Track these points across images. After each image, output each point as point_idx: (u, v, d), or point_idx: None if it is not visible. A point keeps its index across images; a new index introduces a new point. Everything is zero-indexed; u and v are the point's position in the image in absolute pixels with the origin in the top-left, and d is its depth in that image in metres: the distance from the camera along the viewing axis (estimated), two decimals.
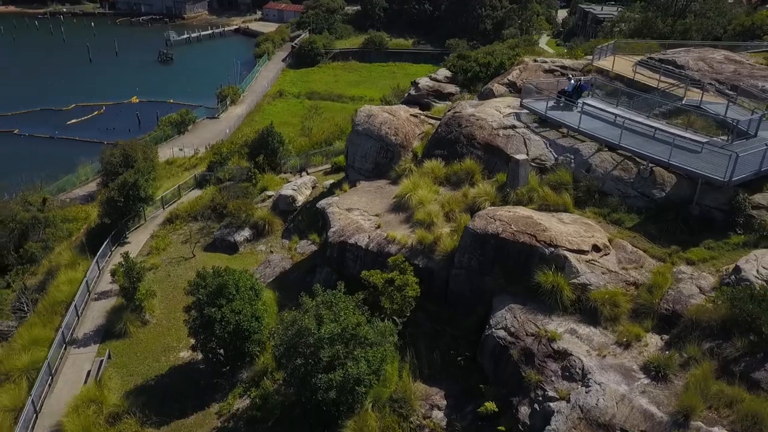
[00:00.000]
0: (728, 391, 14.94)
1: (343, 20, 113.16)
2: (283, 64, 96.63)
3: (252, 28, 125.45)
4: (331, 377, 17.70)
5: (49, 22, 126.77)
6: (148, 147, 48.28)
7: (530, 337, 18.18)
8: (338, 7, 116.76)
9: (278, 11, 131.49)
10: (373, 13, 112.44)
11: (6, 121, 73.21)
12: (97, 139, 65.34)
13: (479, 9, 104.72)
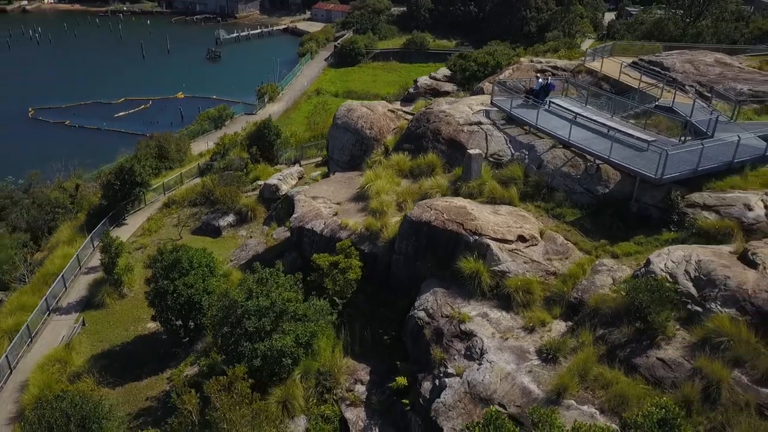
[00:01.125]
0: (607, 374, 15.56)
1: (388, 21, 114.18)
2: (325, 63, 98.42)
3: (300, 27, 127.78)
4: (256, 347, 19.08)
5: (109, 20, 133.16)
6: (181, 140, 51.13)
7: (444, 319, 19.11)
8: (384, 8, 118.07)
9: (326, 11, 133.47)
10: (418, 14, 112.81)
11: (60, 113, 77.86)
12: (140, 131, 68.34)
13: (524, 11, 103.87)
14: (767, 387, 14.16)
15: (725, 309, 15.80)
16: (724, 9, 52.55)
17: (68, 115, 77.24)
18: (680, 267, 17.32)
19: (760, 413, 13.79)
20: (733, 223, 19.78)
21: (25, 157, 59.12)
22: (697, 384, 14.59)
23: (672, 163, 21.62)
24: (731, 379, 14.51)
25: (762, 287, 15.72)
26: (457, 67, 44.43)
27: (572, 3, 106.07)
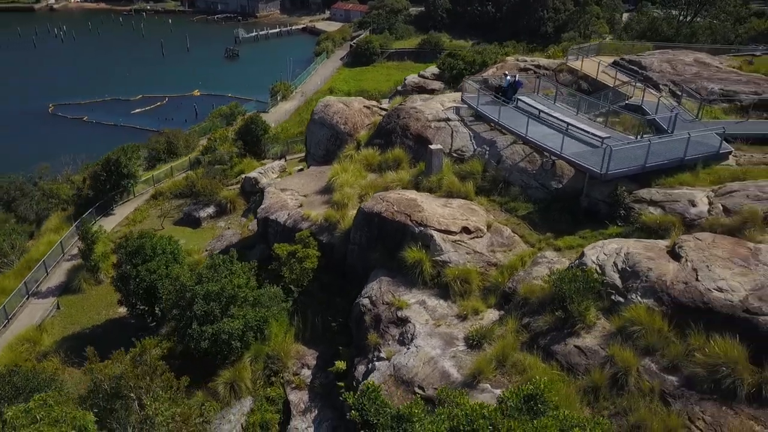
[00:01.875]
0: (525, 360, 16.01)
1: (405, 21, 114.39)
2: (340, 62, 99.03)
3: (318, 27, 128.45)
4: (204, 329, 19.85)
5: (132, 19, 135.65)
6: (191, 136, 52.36)
7: (384, 306, 19.70)
8: (402, 8, 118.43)
9: (345, 11, 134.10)
10: (436, 14, 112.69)
11: (79, 109, 79.55)
12: (154, 127, 69.01)
13: (541, 11, 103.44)
14: (673, 375, 14.52)
15: (644, 299, 16.15)
16: (722, 9, 52.23)
17: (87, 111, 78.86)
18: (610, 259, 17.68)
19: (662, 399, 14.16)
20: (676, 219, 20.06)
21: (40, 151, 60.58)
22: (607, 371, 15.00)
23: (620, 159, 21.98)
24: (641, 367, 14.89)
25: (680, 279, 16.03)
26: (445, 65, 44.86)
27: (588, 4, 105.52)
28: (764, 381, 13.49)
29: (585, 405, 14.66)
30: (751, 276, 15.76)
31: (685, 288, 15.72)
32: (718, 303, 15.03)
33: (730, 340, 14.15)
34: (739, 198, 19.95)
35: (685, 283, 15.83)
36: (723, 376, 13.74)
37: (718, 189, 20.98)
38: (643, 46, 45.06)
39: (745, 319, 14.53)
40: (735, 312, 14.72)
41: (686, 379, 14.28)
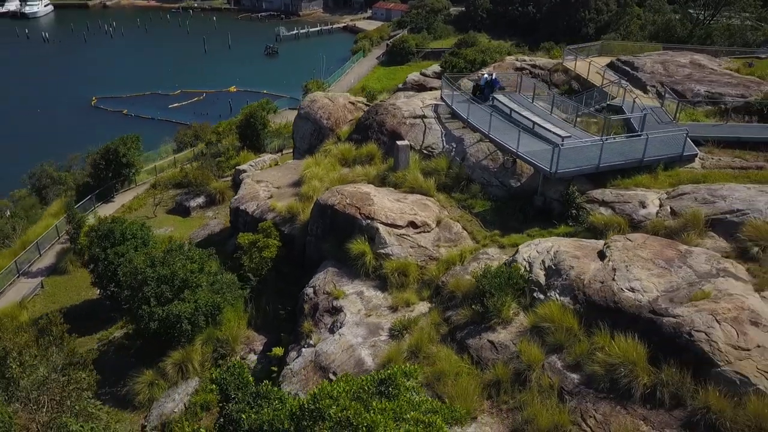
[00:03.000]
0: (440, 352, 16.19)
1: (445, 21, 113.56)
2: (376, 61, 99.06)
3: (358, 26, 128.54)
4: (153, 311, 20.68)
5: (179, 16, 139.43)
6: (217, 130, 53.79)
7: (324, 295, 20.14)
8: (442, 8, 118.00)
9: (386, 10, 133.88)
10: (475, 15, 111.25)
11: (120, 102, 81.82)
12: (189, 122, 68.87)
13: (582, 12, 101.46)
14: (576, 372, 14.51)
15: (562, 297, 16.15)
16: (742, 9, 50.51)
17: (127, 104, 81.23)
18: (540, 257, 17.69)
19: (560, 396, 14.18)
20: (623, 220, 19.88)
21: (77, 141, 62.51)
22: (512, 366, 15.08)
23: (572, 158, 21.87)
24: (546, 363, 14.92)
25: (597, 278, 15.96)
26: (447, 63, 44.91)
27: (629, 5, 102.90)
28: (659, 382, 13.36)
29: (485, 398, 14.78)
30: (669, 278, 15.59)
31: (600, 287, 15.66)
32: (627, 303, 14.93)
33: (633, 340, 14.05)
34: (688, 201, 19.62)
35: (602, 283, 15.76)
36: (619, 376, 13.67)
37: (671, 191, 20.67)
38: (646, 46, 44.11)
39: (649, 319, 14.40)
40: (641, 312, 14.60)
41: (587, 377, 14.24)
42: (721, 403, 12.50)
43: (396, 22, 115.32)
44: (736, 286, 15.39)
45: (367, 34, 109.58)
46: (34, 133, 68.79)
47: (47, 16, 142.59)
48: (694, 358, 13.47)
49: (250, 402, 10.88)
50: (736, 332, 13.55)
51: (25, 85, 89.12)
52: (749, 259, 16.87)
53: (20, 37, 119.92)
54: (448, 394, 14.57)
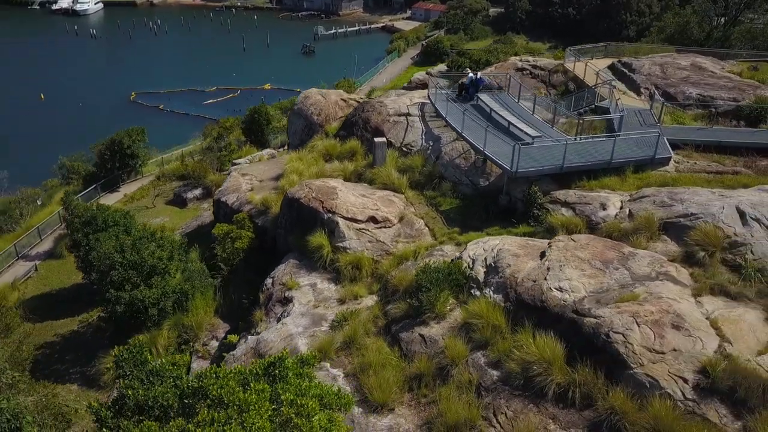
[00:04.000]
0: (373, 344, 16.40)
1: (483, 22, 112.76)
2: (410, 61, 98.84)
3: (397, 26, 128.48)
4: (119, 295, 21.47)
5: (222, 15, 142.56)
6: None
7: (279, 286, 20.57)
8: (481, 9, 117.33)
9: (425, 11, 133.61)
10: (514, 16, 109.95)
11: (158, 98, 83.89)
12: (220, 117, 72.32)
13: (624, 14, 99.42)
14: (496, 369, 14.52)
15: (495, 295, 16.16)
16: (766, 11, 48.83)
17: (164, 100, 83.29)
18: (484, 255, 17.71)
19: (477, 392, 14.23)
20: (581, 221, 19.69)
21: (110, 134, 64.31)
22: (437, 361, 15.19)
23: (535, 158, 21.75)
24: (470, 359, 14.97)
25: (530, 277, 15.91)
26: (453, 63, 44.87)
27: (670, 8, 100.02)
28: (573, 383, 13.29)
29: (407, 391, 14.93)
30: (601, 279, 15.46)
31: (531, 286, 15.61)
32: (552, 302, 14.87)
33: (553, 339, 13.99)
34: (647, 204, 19.31)
35: (533, 281, 15.71)
36: (534, 375, 13.64)
37: (633, 194, 20.36)
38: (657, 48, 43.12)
39: (571, 319, 14.32)
40: (565, 312, 14.53)
41: (506, 374, 14.24)
42: (626, 405, 12.38)
43: (433, 22, 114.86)
44: (672, 290, 15.16)
45: (403, 35, 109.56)
46: (74, 126, 70.84)
47: (97, 13, 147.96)
48: (609, 359, 13.37)
49: (143, 379, 11.33)
50: (654, 335, 13.38)
51: (70, 79, 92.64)
52: (695, 263, 16.54)
53: (69, 33, 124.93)
54: (369, 385, 14.77)
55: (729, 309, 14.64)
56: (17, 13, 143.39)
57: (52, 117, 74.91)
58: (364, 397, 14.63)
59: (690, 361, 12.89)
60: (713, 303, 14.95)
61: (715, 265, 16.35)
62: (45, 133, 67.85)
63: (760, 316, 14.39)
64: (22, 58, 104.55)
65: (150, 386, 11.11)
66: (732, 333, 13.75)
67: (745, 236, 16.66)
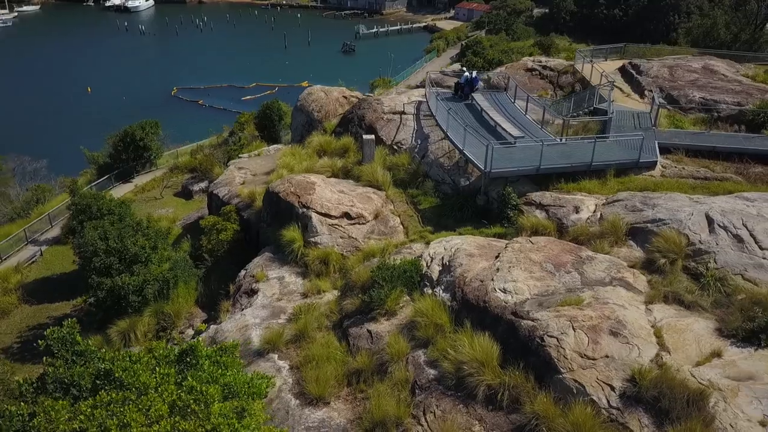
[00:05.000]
0: (323, 338, 16.52)
1: (526, 22, 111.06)
2: (449, 60, 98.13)
3: (439, 25, 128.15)
4: (102, 281, 22.19)
5: (267, 12, 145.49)
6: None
7: (249, 278, 20.90)
8: (525, 9, 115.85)
9: (468, 11, 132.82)
10: (559, 16, 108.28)
11: (198, 93, 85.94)
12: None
13: (672, 16, 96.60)
14: (433, 368, 14.42)
15: (444, 293, 16.07)
16: None
17: (204, 95, 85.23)
18: (442, 254, 17.61)
19: (412, 390, 14.19)
20: (552, 224, 19.38)
21: None
22: (377, 357, 15.20)
23: (511, 158, 21.50)
24: (411, 357, 14.93)
25: (479, 277, 15.73)
26: (467, 62, 44.55)
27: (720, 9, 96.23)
28: (503, 385, 13.12)
29: (346, 385, 14.99)
30: (549, 282, 15.19)
31: (478, 286, 15.45)
32: (494, 303, 14.69)
33: (489, 340, 13.84)
34: (618, 208, 18.86)
35: (481, 282, 15.55)
36: (465, 375, 13.51)
37: (609, 198, 19.90)
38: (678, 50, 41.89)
39: (510, 321, 14.13)
40: (504, 313, 14.34)
41: (441, 373, 14.15)
42: (550, 410, 12.16)
43: (474, 22, 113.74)
44: (623, 296, 14.79)
45: (443, 34, 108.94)
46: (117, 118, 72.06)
47: (148, 10, 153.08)
48: (541, 363, 13.15)
49: (68, 359, 11.73)
50: (588, 340, 13.08)
51: (117, 73, 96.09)
52: (654, 270, 16.07)
53: (120, 29, 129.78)
54: (308, 378, 14.90)
55: (679, 318, 14.20)
56: (73, 10, 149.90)
57: (96, 109, 77.47)
58: (303, 390, 14.76)
59: (621, 369, 12.55)
60: (664, 311, 14.52)
61: (675, 272, 15.85)
62: (88, 124, 70.11)
63: (710, 326, 13.90)
64: (74, 52, 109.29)
65: (72, 366, 11.48)
66: (674, 342, 13.35)
67: (709, 244, 16.08)
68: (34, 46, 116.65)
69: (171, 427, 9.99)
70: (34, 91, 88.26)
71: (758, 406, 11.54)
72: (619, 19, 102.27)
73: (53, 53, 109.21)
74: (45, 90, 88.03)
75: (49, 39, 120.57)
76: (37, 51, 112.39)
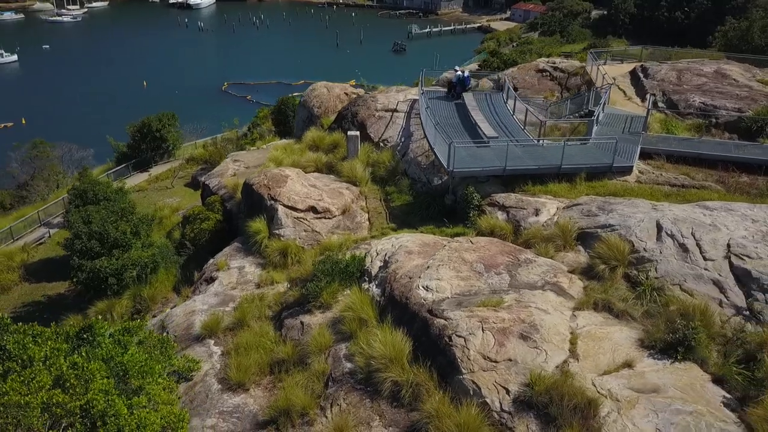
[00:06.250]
0: (259, 326, 16.82)
1: (582, 24, 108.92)
2: None
3: (493, 26, 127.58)
4: (82, 263, 23.24)
5: (322, 11, 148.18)
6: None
7: (212, 266, 21.43)
8: (582, 11, 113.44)
9: (524, 11, 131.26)
10: (617, 18, 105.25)
11: (247, 89, 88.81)
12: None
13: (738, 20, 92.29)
14: (350, 362, 14.48)
15: (376, 289, 16.12)
16: None
17: (252, 91, 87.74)
18: (387, 250, 17.62)
19: (326, 383, 14.30)
20: (509, 226, 19.09)
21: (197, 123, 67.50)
22: (301, 348, 15.38)
23: (488, 158, 21.34)
24: (333, 350, 15.05)
25: (408, 274, 15.67)
26: (485, 63, 44.15)
27: None
28: (406, 382, 13.08)
29: (268, 374, 15.25)
30: (474, 282, 15.02)
31: (405, 283, 15.41)
32: (414, 300, 14.64)
33: (403, 337, 13.80)
34: (575, 212, 18.41)
35: (409, 278, 15.50)
36: (374, 370, 13.53)
37: (570, 202, 19.43)
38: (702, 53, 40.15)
39: (424, 318, 14.04)
40: (420, 311, 14.27)
41: (355, 367, 14.21)
42: (442, 409, 12.06)
43: (528, 24, 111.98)
44: (550, 300, 14.48)
45: (495, 35, 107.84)
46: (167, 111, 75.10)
47: (209, 7, 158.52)
48: (447, 362, 13.03)
49: None
50: (494, 342, 12.89)
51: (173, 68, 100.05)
52: (593, 276, 15.62)
53: (180, 26, 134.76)
54: (231, 364, 15.24)
55: (603, 326, 13.79)
56: (139, 7, 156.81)
57: (149, 102, 79.52)
58: (226, 375, 15.11)
59: (522, 373, 12.30)
60: (590, 318, 14.12)
61: (615, 279, 15.37)
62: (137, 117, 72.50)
63: (633, 336, 13.44)
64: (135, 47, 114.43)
65: None
66: (587, 350, 12.98)
67: (653, 252, 15.50)
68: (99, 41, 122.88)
69: (48, 398, 10.47)
70: (94, 83, 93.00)
71: (653, 419, 11.12)
72: (680, 22, 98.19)
73: (116, 47, 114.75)
74: (104, 82, 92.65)
75: (113, 34, 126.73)
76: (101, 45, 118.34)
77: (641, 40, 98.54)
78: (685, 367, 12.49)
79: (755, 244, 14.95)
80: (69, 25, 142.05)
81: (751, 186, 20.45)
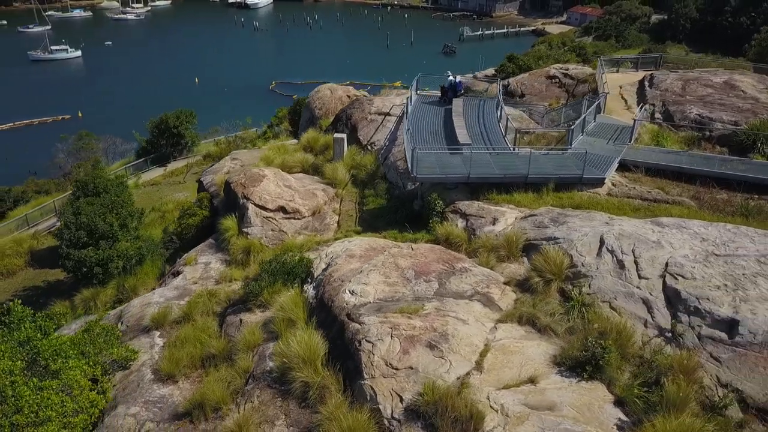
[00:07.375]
0: (203, 322, 17.29)
1: (641, 29, 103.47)
2: None
3: (547, 30, 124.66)
4: (70, 252, 24.39)
5: (376, 12, 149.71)
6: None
7: (182, 261, 22.12)
8: (641, 15, 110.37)
9: (581, 15, 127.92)
10: (677, 24, 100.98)
11: (294, 88, 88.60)
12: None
13: None
14: (272, 361, 14.74)
15: (312, 290, 16.34)
16: None
17: (299, 90, 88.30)
18: (333, 253, 17.82)
19: (247, 380, 14.62)
20: (463, 233, 18.99)
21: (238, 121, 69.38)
22: (231, 345, 15.77)
23: (455, 165, 21.29)
24: (261, 349, 15.33)
25: (342, 277, 15.77)
26: (501, 67, 43.64)
27: None
28: (316, 384, 13.26)
29: (200, 367, 15.69)
30: (399, 288, 15.05)
31: (336, 286, 15.56)
32: (338, 303, 14.78)
33: (320, 339, 13.99)
34: (528, 223, 18.16)
35: (341, 281, 15.65)
36: (287, 370, 13.77)
37: (527, 212, 19.14)
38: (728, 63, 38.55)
39: (342, 322, 14.18)
40: (340, 314, 14.41)
41: (273, 366, 14.48)
42: (336, 413, 12.17)
43: (583, 28, 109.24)
44: (474, 311, 14.38)
45: (547, 39, 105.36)
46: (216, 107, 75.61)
47: (266, 7, 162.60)
48: (354, 367, 13.14)
49: None
50: (400, 349, 12.90)
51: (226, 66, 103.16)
52: (527, 289, 15.38)
53: (237, 25, 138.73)
54: (165, 356, 15.76)
55: (520, 340, 13.59)
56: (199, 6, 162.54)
57: (199, 99, 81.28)
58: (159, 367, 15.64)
59: (420, 382, 12.26)
60: (511, 331, 13.94)
61: (549, 293, 15.10)
62: None
63: (549, 352, 13.19)
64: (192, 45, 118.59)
65: None
66: (494, 363, 12.82)
67: (590, 267, 15.14)
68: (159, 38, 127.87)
69: None
70: (150, 79, 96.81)
71: None
72: (745, 28, 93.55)
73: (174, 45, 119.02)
74: (159, 78, 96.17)
75: (173, 32, 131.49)
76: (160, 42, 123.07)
77: (702, 47, 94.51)
78: (589, 387, 12.19)
79: (694, 264, 14.40)
80: (132, 23, 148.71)
81: (727, 203, 19.60)
